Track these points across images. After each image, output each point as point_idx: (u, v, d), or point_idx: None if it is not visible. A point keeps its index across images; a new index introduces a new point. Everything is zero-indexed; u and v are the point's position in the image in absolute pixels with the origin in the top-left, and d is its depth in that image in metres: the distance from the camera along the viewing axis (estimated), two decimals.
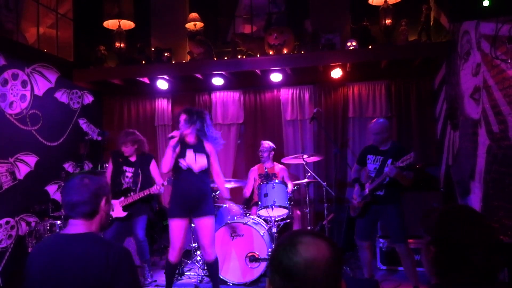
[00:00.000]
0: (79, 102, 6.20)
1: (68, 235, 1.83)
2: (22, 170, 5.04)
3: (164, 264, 5.60)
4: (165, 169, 3.98)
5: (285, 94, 6.39)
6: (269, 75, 6.05)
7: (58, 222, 4.92)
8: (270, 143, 5.73)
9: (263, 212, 4.91)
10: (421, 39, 5.53)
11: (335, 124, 6.25)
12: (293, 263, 1.13)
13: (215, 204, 4.78)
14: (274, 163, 5.78)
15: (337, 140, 6.17)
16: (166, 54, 6.12)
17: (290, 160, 5.56)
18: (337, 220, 5.68)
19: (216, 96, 6.58)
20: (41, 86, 5.44)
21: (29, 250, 4.78)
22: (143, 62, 6.16)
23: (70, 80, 5.99)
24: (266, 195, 4.86)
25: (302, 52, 5.79)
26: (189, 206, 3.93)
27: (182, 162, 3.92)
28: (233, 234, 4.71)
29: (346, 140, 6.23)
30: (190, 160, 3.92)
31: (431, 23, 5.64)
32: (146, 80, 6.28)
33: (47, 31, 5.83)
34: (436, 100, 5.87)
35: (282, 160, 5.65)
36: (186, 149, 3.95)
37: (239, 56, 6.06)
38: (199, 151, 3.95)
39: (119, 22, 6.02)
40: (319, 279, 1.11)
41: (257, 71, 5.98)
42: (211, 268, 4.09)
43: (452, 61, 5.06)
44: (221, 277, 4.70)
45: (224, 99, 6.56)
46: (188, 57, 6.31)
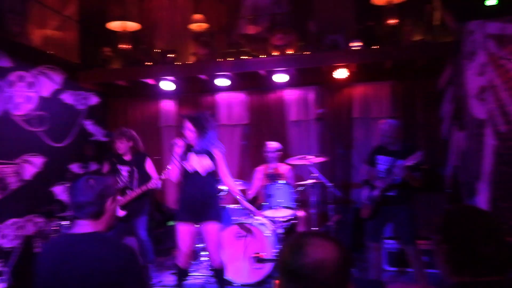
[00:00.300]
0: (84, 104, 6.22)
1: (75, 235, 1.85)
2: (29, 171, 5.07)
3: (170, 264, 5.64)
4: (174, 178, 4.04)
5: (290, 94, 6.38)
6: (273, 75, 6.04)
7: (65, 222, 4.93)
8: (276, 144, 5.72)
9: (268, 213, 4.91)
10: (426, 39, 5.51)
11: (340, 125, 6.23)
12: (301, 265, 1.12)
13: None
14: (279, 163, 5.78)
15: (342, 141, 6.16)
16: (170, 55, 6.14)
17: (295, 161, 5.54)
18: (343, 221, 5.67)
19: (221, 97, 6.59)
20: (47, 87, 5.47)
21: (36, 250, 4.81)
22: (148, 63, 6.17)
23: (75, 81, 6.02)
24: (271, 196, 4.86)
25: (307, 52, 5.78)
26: (195, 210, 3.91)
27: (187, 166, 3.92)
28: (239, 235, 4.71)
29: (351, 141, 6.21)
30: (194, 163, 3.92)
31: (436, 23, 5.62)
32: (151, 81, 6.30)
33: (52, 33, 5.86)
34: (441, 100, 5.84)
35: (287, 161, 5.63)
36: (188, 152, 3.96)
37: (244, 57, 6.06)
38: (201, 153, 3.94)
39: (124, 23, 6.04)
40: (327, 281, 1.11)
41: (262, 72, 5.98)
42: (216, 273, 4.08)
43: (458, 61, 5.03)
44: (227, 277, 4.71)
45: (228, 100, 6.57)
46: (193, 58, 6.32)
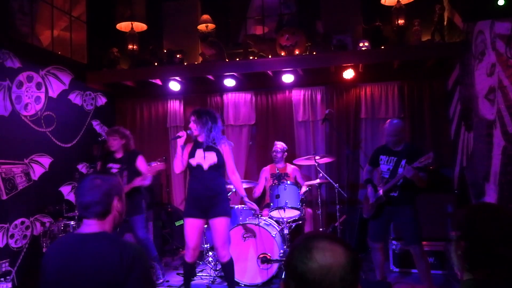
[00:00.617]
0: (92, 104, 6.26)
1: (82, 234, 1.85)
2: (37, 171, 5.11)
3: (177, 264, 5.66)
4: (177, 170, 4.06)
5: (297, 95, 6.37)
6: (280, 76, 6.04)
7: (72, 222, 4.97)
8: (283, 144, 5.73)
9: (275, 213, 4.90)
10: (435, 39, 5.47)
11: (347, 125, 6.22)
12: (308, 269, 1.10)
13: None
14: (286, 163, 5.78)
15: (349, 141, 6.14)
16: (178, 55, 6.15)
17: (302, 161, 5.54)
18: (349, 221, 5.65)
19: (228, 97, 6.59)
20: (55, 88, 5.51)
21: (44, 250, 4.84)
22: (156, 64, 6.20)
23: (83, 82, 6.06)
24: (278, 196, 4.86)
25: (314, 53, 5.77)
26: (202, 206, 3.93)
27: (191, 160, 3.96)
28: (245, 235, 4.71)
29: (359, 141, 6.19)
30: (199, 158, 3.95)
31: (445, 23, 5.58)
32: (158, 81, 6.33)
33: (61, 33, 5.91)
34: (449, 101, 5.80)
35: (294, 161, 5.64)
36: (196, 148, 3.99)
37: (251, 58, 6.06)
38: (209, 150, 3.96)
39: (131, 24, 6.07)
40: (335, 285, 1.09)
41: (269, 72, 5.98)
42: (224, 270, 4.08)
43: (466, 61, 5.00)
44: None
45: (235, 100, 6.58)
46: (200, 59, 6.33)
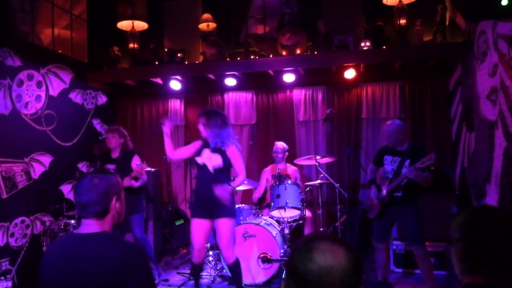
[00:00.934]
0: (93, 103, 6.25)
1: (81, 234, 1.84)
2: (37, 170, 5.10)
3: (177, 263, 5.66)
4: (170, 154, 4.16)
5: (298, 94, 6.36)
6: (281, 75, 6.03)
7: (72, 221, 4.96)
8: (284, 144, 5.72)
9: (275, 213, 4.90)
10: (436, 40, 5.46)
11: (348, 125, 6.20)
12: (308, 270, 1.10)
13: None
14: (287, 164, 5.77)
15: (350, 141, 6.13)
16: (179, 54, 6.14)
17: (303, 161, 5.53)
18: (350, 222, 5.64)
19: (229, 96, 6.58)
20: (56, 86, 5.50)
21: (44, 249, 4.83)
22: (156, 63, 6.19)
23: (84, 81, 6.05)
24: (278, 196, 4.85)
25: (315, 52, 5.75)
26: (207, 206, 3.93)
27: (198, 159, 3.98)
28: (245, 235, 4.70)
29: (360, 141, 6.18)
30: (205, 158, 3.95)
31: (447, 23, 5.56)
32: (159, 80, 6.32)
33: (61, 32, 5.90)
34: (451, 101, 5.79)
35: (295, 161, 5.63)
36: (204, 147, 4.00)
37: (252, 57, 6.05)
38: (216, 152, 3.94)
39: (132, 23, 6.06)
40: (335, 287, 1.08)
41: (270, 71, 5.97)
42: (230, 271, 4.07)
43: (468, 61, 4.99)
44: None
45: (236, 99, 6.56)
46: (201, 58, 6.33)
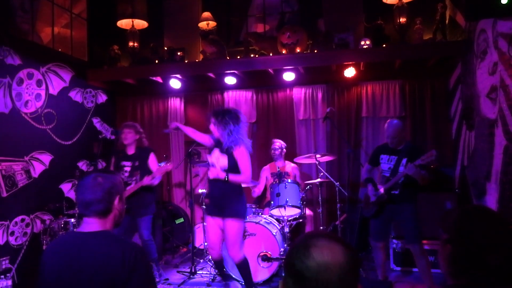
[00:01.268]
0: (93, 101, 6.25)
1: (83, 233, 1.84)
2: (37, 169, 5.10)
3: (177, 262, 5.66)
4: (202, 141, 4.21)
5: (298, 93, 6.36)
6: (281, 74, 6.03)
7: (72, 220, 4.96)
8: (281, 141, 5.72)
9: (275, 212, 4.90)
10: (436, 38, 5.46)
11: (348, 124, 6.20)
12: (305, 267, 1.10)
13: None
14: (286, 161, 5.77)
15: (350, 140, 6.13)
16: (179, 53, 6.14)
17: (303, 160, 5.53)
18: (350, 220, 5.63)
19: (229, 95, 6.58)
20: (56, 85, 5.50)
21: (44, 247, 4.84)
22: (156, 61, 6.19)
23: (84, 79, 6.05)
24: (278, 194, 4.85)
25: (315, 51, 5.75)
26: (216, 205, 3.97)
27: (208, 158, 4.02)
28: (245, 233, 4.70)
29: (360, 140, 6.18)
30: (214, 158, 3.98)
31: (447, 21, 5.56)
32: (159, 79, 6.32)
33: (61, 31, 5.90)
34: (451, 100, 5.79)
35: (295, 160, 5.63)
36: (215, 147, 4.01)
37: (252, 56, 6.05)
38: (224, 152, 3.93)
39: (132, 21, 6.06)
40: (333, 283, 1.08)
41: (270, 70, 5.97)
42: (238, 269, 4.07)
43: (468, 60, 4.99)
44: (233, 276, 4.71)
45: (236, 98, 6.56)
46: (201, 57, 6.32)
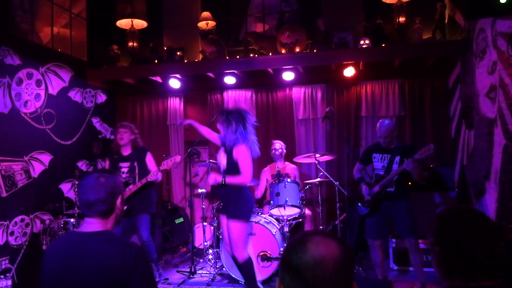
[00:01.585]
0: (92, 101, 6.25)
1: (84, 233, 1.84)
2: (37, 169, 5.10)
3: (177, 262, 5.67)
4: (213, 139, 4.34)
5: (297, 93, 6.36)
6: (281, 74, 6.03)
7: (72, 220, 4.96)
8: (281, 142, 5.72)
9: (275, 211, 4.90)
10: (436, 37, 5.46)
11: (348, 123, 6.21)
12: (302, 261, 1.13)
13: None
14: (286, 162, 5.77)
15: (349, 139, 6.13)
16: (178, 53, 6.14)
17: (302, 159, 5.54)
18: (350, 220, 5.64)
19: (228, 95, 6.58)
20: (55, 85, 5.50)
21: (43, 247, 4.84)
22: (156, 61, 6.18)
23: (83, 79, 6.04)
24: (278, 194, 4.85)
25: (315, 50, 5.75)
26: (223, 205, 4.07)
27: (217, 156, 4.10)
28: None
29: (359, 139, 6.19)
30: (218, 157, 4.05)
31: (446, 21, 5.57)
32: (158, 79, 6.32)
33: (61, 30, 5.89)
34: (450, 99, 5.80)
35: (294, 159, 5.63)
36: (222, 145, 4.06)
37: (251, 55, 6.05)
38: (225, 151, 3.96)
39: (131, 21, 6.06)
40: (328, 277, 1.11)
41: (269, 70, 5.97)
42: (241, 270, 4.07)
43: (468, 59, 4.99)
44: (233, 275, 4.71)
45: (236, 98, 6.56)
46: (200, 56, 6.32)
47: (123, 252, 1.72)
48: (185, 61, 6.18)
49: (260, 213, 5.16)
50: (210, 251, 5.25)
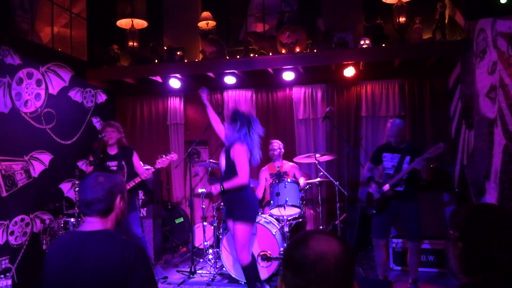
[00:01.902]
0: (92, 101, 6.25)
1: (84, 232, 1.84)
2: (37, 168, 5.10)
3: (177, 262, 5.66)
4: (217, 129, 4.34)
5: (298, 93, 6.36)
6: (281, 73, 6.03)
7: (72, 219, 4.94)
8: (279, 142, 5.73)
9: (275, 211, 4.90)
10: (436, 38, 5.46)
11: (348, 123, 6.21)
12: (304, 256, 1.14)
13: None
14: (284, 161, 5.77)
15: (349, 139, 6.13)
16: (178, 53, 6.15)
17: (302, 159, 5.54)
18: (350, 219, 5.65)
19: (228, 95, 6.58)
20: (56, 85, 5.50)
21: (44, 247, 4.83)
22: (156, 61, 6.19)
23: (83, 79, 6.04)
24: (278, 194, 4.86)
25: (315, 50, 5.75)
26: (228, 208, 4.03)
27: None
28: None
29: (359, 139, 6.19)
30: (220, 159, 4.05)
31: (446, 21, 5.57)
32: (158, 79, 6.31)
33: (61, 30, 5.89)
34: (450, 99, 5.80)
35: (295, 159, 5.63)
36: (224, 148, 4.05)
37: (251, 55, 6.06)
38: (225, 152, 3.97)
39: (132, 21, 6.06)
40: (329, 273, 1.12)
41: (269, 69, 5.97)
42: (243, 272, 4.07)
43: (468, 59, 4.99)
44: (233, 276, 4.72)
45: (236, 98, 6.56)
46: (201, 56, 6.32)
47: (123, 250, 1.73)
48: (185, 61, 6.18)
49: (260, 213, 5.17)
50: (210, 251, 5.25)
